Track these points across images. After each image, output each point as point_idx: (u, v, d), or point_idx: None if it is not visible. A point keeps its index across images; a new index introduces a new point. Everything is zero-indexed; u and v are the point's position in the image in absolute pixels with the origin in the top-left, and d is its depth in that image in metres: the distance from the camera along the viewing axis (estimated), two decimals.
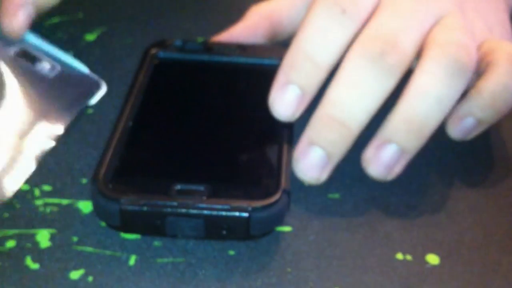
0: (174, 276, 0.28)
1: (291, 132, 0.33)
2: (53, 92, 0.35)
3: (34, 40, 0.38)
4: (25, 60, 0.36)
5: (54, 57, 0.37)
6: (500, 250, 0.30)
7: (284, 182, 0.30)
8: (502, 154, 0.35)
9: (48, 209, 0.31)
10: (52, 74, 0.36)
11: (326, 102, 0.30)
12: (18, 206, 0.31)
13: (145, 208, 0.28)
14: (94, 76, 0.37)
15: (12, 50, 0.37)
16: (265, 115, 0.32)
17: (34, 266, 0.28)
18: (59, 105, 0.35)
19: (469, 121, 0.33)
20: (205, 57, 0.38)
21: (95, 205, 0.29)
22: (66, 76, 0.37)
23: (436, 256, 0.30)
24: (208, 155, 0.32)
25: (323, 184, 0.32)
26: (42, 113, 0.34)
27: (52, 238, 0.30)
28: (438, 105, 0.30)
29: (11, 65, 0.36)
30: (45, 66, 0.36)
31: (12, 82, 0.35)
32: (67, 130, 0.35)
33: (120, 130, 0.32)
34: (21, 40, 0.37)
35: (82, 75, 0.37)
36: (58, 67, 0.36)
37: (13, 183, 0.32)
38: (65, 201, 0.31)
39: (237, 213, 0.28)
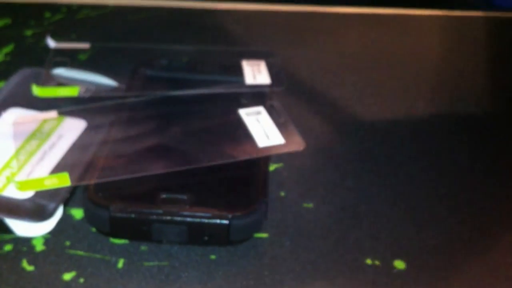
0: (159, 279, 0.30)
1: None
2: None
3: (65, 73, 0.41)
4: None
5: (85, 80, 0.40)
6: (462, 256, 0.32)
7: (262, 192, 0.31)
8: (466, 167, 0.37)
9: None
10: (87, 94, 0.39)
11: None
12: None
13: (132, 215, 0.30)
14: (122, 86, 0.40)
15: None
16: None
17: (30, 268, 0.30)
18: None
19: None
20: (189, 76, 0.40)
21: (86, 212, 0.31)
22: (99, 93, 0.40)
23: (403, 261, 0.31)
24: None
25: (298, 194, 0.34)
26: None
27: (47, 242, 0.31)
28: None
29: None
30: (80, 90, 0.39)
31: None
32: None
33: (109, 142, 0.34)
34: (54, 76, 0.41)
35: (111, 88, 0.40)
36: (92, 88, 0.39)
37: None
38: None
39: (218, 221, 0.30)
